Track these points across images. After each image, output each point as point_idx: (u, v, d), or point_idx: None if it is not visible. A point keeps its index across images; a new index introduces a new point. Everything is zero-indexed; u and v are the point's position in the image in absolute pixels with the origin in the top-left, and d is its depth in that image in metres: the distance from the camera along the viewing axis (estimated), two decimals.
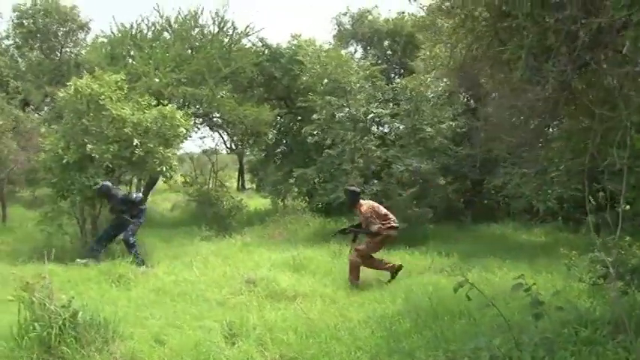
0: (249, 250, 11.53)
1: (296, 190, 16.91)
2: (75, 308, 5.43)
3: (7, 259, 10.72)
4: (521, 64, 4.38)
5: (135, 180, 17.06)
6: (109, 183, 10.87)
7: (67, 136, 11.38)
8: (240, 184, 30.73)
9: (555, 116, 5.38)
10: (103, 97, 11.08)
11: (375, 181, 13.22)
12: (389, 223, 8.99)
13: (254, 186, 29.05)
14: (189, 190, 16.99)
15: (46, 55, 26.99)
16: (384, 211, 9.13)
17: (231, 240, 12.98)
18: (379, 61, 18.70)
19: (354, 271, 8.80)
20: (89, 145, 10.86)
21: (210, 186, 17.97)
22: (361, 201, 9.17)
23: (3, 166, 15.46)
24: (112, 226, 11.08)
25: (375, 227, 8.78)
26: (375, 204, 9.30)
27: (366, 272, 8.99)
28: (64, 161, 10.94)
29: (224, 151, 28.90)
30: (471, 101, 14.69)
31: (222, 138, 25.70)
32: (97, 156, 10.85)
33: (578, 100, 4.73)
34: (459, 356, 4.46)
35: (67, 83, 11.65)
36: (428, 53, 7.47)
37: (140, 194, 11.20)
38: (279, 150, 19.50)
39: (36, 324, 5.19)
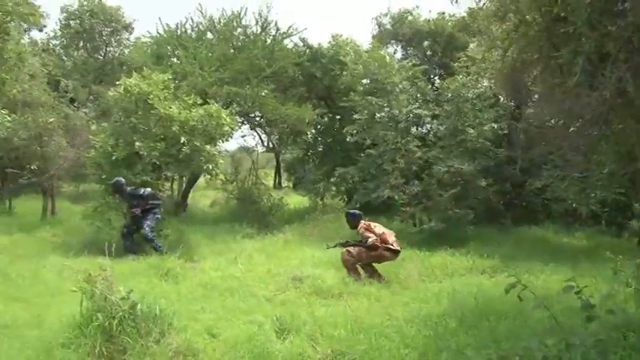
0: (291, 248, 11.71)
1: (334, 188, 17.06)
2: (134, 300, 5.66)
3: (59, 251, 11.09)
4: (577, 69, 4.44)
5: (176, 177, 17.31)
6: (121, 179, 11.08)
7: (116, 134, 11.74)
8: (276, 182, 30.98)
9: (608, 121, 5.41)
10: (151, 96, 11.36)
11: (416, 182, 13.26)
12: (387, 243, 9.10)
13: (290, 184, 29.29)
14: (230, 187, 17.27)
15: (91, 55, 27.71)
16: (380, 230, 9.25)
17: (273, 237, 13.19)
18: (419, 62, 18.68)
19: (351, 268, 8.99)
20: (137, 143, 11.18)
21: (250, 184, 18.20)
22: (362, 222, 9.35)
23: (53, 161, 15.93)
24: (130, 221, 11.42)
25: (370, 240, 8.94)
26: (373, 224, 9.45)
27: (411, 272, 9.10)
28: (113, 158, 11.30)
29: (259, 149, 29.34)
30: (512, 103, 14.57)
31: (260, 137, 26.05)
32: (144, 153, 11.16)
33: (633, 106, 4.77)
34: (510, 355, 4.53)
35: (117, 82, 11.97)
36: (479, 57, 7.52)
37: (148, 189, 11.26)
38: (318, 149, 19.61)
39: (98, 314, 5.41)
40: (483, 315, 6.31)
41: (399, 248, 9.27)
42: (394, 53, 21.58)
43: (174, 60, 17.16)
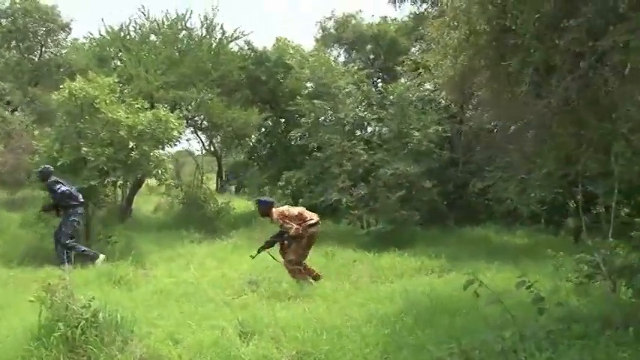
0: (241, 252, 11.69)
1: (280, 192, 17.15)
2: (96, 308, 5.61)
3: (1, 262, 10.75)
4: (526, 79, 4.75)
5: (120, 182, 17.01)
6: (50, 167, 10.60)
7: (61, 139, 11.46)
8: (218, 186, 30.83)
9: (550, 126, 5.76)
10: (97, 100, 11.18)
11: (363, 184, 13.53)
12: (306, 221, 9.01)
13: (232, 188, 29.17)
14: (175, 192, 17.12)
15: (24, 55, 26.75)
16: (295, 211, 9.19)
17: (222, 242, 13.20)
18: (362, 65, 19.02)
19: (298, 274, 8.91)
20: (84, 148, 10.97)
21: (195, 188, 18.08)
22: (273, 209, 9.16)
23: None
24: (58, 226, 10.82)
25: (292, 230, 8.85)
26: (285, 208, 9.38)
27: (362, 273, 9.31)
28: (59, 163, 11.02)
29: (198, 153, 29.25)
30: (454, 106, 15.06)
31: (201, 140, 25.89)
32: (91, 158, 10.96)
33: (575, 113, 5.11)
34: (469, 349, 4.78)
35: (61, 86, 11.68)
36: (432, 64, 7.82)
37: (65, 188, 10.38)
38: (262, 153, 19.65)
39: (60, 324, 5.33)
40: (438, 312, 6.56)
41: (316, 218, 9.21)
42: (337, 57, 21.94)
43: (118, 63, 16.87)
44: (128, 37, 17.05)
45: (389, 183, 13.35)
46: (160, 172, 11.53)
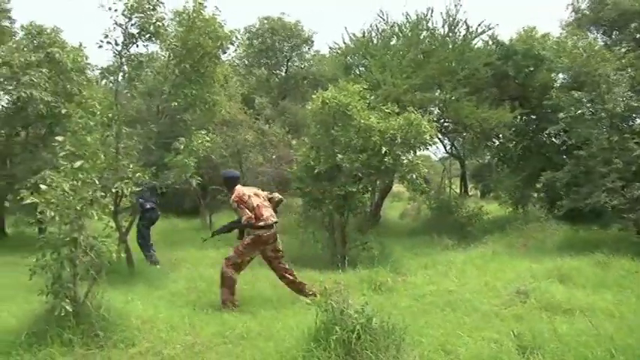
0: (501, 260, 11.02)
1: (535, 195, 15.96)
2: (369, 314, 5.46)
3: (266, 265, 11.35)
4: None
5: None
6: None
7: (316, 147, 11.86)
8: (462, 190, 30.00)
9: None
10: (350, 107, 11.31)
11: (638, 184, 11.82)
12: (259, 219, 7.82)
13: (477, 192, 28.24)
14: (422, 197, 16.86)
15: (272, 71, 28.94)
16: (256, 202, 7.90)
17: (477, 249, 12.58)
18: (629, 47, 16.83)
19: (226, 284, 7.95)
20: (339, 155, 11.19)
21: (445, 192, 17.68)
22: (238, 187, 8.04)
23: (252, 177, 16.70)
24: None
25: (244, 218, 7.67)
26: (249, 191, 8.09)
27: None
28: (315, 171, 11.40)
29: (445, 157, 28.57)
30: None
31: (443, 143, 25.33)
32: (346, 165, 11.13)
33: None
34: None
35: (313, 96, 12.08)
36: None
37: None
38: (514, 153, 18.39)
39: (337, 327, 5.27)
40: None
41: (273, 220, 8.10)
42: (594, 40, 19.74)
43: (362, 70, 17.23)
44: (371, 43, 17.29)
45: None
46: (414, 176, 11.28)
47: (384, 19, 17.96)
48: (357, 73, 17.20)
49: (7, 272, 10.43)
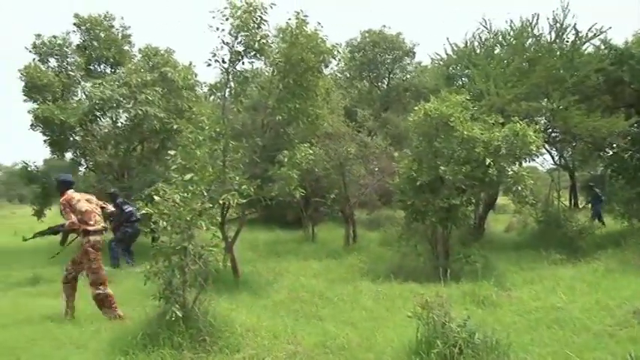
0: (614, 277, 10.33)
1: None
2: (471, 328, 5.35)
3: (368, 277, 11.43)
4: None
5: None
6: (115, 190, 13.96)
7: (419, 159, 11.77)
8: (572, 203, 28.56)
9: None
10: (452, 118, 11.15)
11: None
12: (88, 224, 7.52)
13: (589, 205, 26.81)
14: (528, 209, 16.23)
15: (374, 84, 29.04)
16: (85, 207, 7.60)
17: (589, 265, 11.90)
18: None
19: (105, 304, 7.67)
20: (441, 167, 11.05)
21: (554, 205, 16.92)
22: (70, 192, 7.74)
23: (354, 189, 16.81)
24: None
25: (67, 222, 7.42)
26: (83, 197, 7.79)
27: None
28: (418, 184, 11.30)
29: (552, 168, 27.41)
30: None
31: (550, 153, 24.27)
32: (449, 177, 10.96)
33: None
34: None
35: (415, 108, 12.00)
36: None
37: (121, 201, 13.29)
38: (630, 164, 17.23)
39: (438, 341, 5.21)
40: None
41: (103, 226, 7.80)
42: None
43: (465, 80, 16.92)
44: (474, 53, 16.96)
45: None
46: (519, 188, 10.91)
47: (487, 28, 17.56)
48: (460, 83, 16.89)
49: (125, 278, 11.16)
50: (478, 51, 17.42)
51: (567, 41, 16.42)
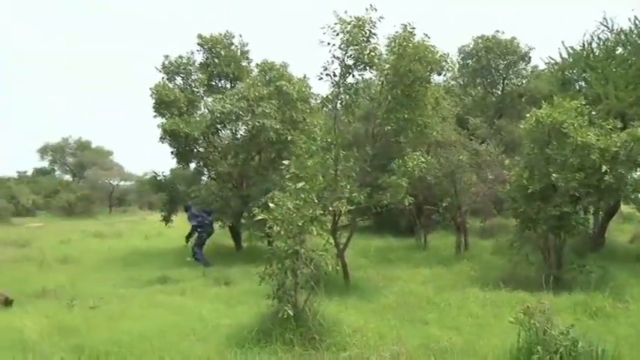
0: None
1: None
2: (574, 337, 5.37)
3: (477, 284, 11.39)
4: None
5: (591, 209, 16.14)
6: (189, 203, 16.44)
7: (530, 166, 11.59)
8: None
9: None
10: (565, 124, 10.90)
11: None
12: None
13: None
14: None
15: (488, 90, 28.44)
16: None
17: None
18: None
19: None
20: (553, 174, 10.82)
21: None
22: None
23: (464, 197, 16.71)
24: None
25: None
26: None
27: None
28: (529, 191, 11.14)
29: None
30: None
31: None
32: (562, 185, 10.72)
33: None
34: None
35: (527, 114, 11.83)
36: None
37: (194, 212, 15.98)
38: None
39: (538, 347, 5.28)
40: None
41: None
42: None
43: (582, 84, 16.27)
44: (592, 55, 16.27)
45: None
46: (639, 196, 10.48)
47: (607, 27, 16.70)
48: (577, 88, 16.25)
49: (241, 280, 11.96)
50: (597, 52, 16.67)
51: None
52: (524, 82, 27.55)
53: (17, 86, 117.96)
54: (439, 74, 12.45)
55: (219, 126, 16.74)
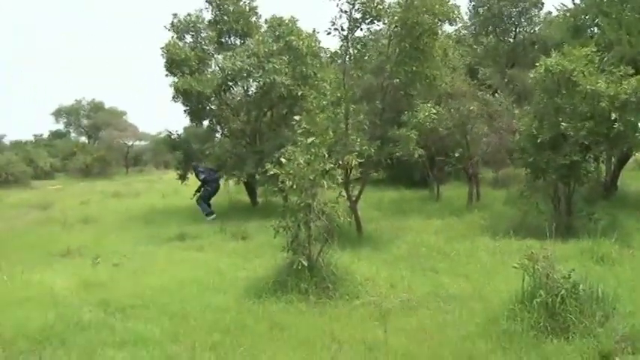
0: None
1: None
2: (575, 280, 5.59)
3: (487, 234, 11.61)
4: None
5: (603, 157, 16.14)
6: (195, 163, 17.24)
7: (540, 116, 11.63)
8: None
9: None
10: (575, 72, 10.88)
11: None
12: None
13: None
14: None
15: (500, 39, 27.99)
16: None
17: None
18: None
19: None
20: (563, 124, 10.85)
21: None
22: None
23: (476, 148, 16.80)
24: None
25: None
26: None
27: None
28: (538, 141, 11.20)
29: None
30: None
31: None
32: (571, 133, 10.77)
33: None
34: None
35: (537, 64, 11.80)
36: None
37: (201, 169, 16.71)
38: None
39: (541, 291, 5.52)
40: None
41: None
42: None
43: (595, 30, 16.05)
44: (605, 0, 15.99)
45: None
46: None
47: None
48: (589, 34, 16.01)
49: (257, 233, 12.30)
50: None
51: None
52: (536, 29, 27.12)
53: (29, 50, 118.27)
54: (450, 24, 12.41)
55: (230, 83, 16.82)
